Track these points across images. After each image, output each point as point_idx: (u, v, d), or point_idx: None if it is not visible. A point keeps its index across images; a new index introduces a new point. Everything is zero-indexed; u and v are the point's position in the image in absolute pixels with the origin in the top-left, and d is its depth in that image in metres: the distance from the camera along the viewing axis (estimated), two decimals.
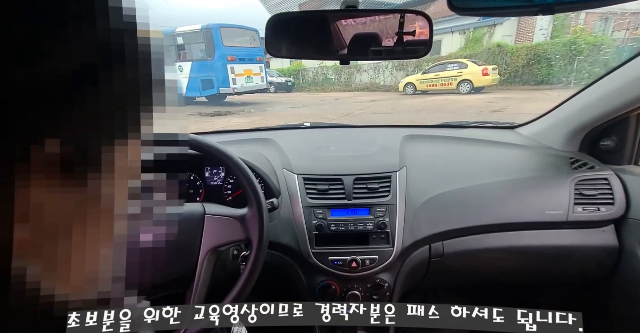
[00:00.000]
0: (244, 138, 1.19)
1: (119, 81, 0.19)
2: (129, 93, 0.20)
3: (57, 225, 0.18)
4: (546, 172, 0.95)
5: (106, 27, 0.18)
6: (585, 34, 9.87)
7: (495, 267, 0.95)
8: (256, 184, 0.66)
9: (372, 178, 0.90)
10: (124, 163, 0.20)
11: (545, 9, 0.49)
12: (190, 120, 6.95)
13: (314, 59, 0.81)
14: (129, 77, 0.20)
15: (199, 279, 0.61)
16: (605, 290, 0.96)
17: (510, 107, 6.89)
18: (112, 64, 0.19)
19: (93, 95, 0.18)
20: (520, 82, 10.49)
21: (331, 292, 0.83)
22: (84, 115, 0.18)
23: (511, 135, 1.19)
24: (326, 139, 1.22)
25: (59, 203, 0.18)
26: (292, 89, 14.65)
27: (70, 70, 0.17)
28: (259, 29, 10.12)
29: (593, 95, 0.95)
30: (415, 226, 0.86)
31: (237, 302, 0.59)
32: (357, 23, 0.72)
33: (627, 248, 0.87)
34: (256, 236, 0.62)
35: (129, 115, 0.20)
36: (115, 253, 0.21)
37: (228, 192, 0.97)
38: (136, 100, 0.21)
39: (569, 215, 0.87)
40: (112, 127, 0.19)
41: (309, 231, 0.84)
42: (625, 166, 0.96)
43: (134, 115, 0.20)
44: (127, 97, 0.20)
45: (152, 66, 0.21)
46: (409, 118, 6.85)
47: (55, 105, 0.17)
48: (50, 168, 0.17)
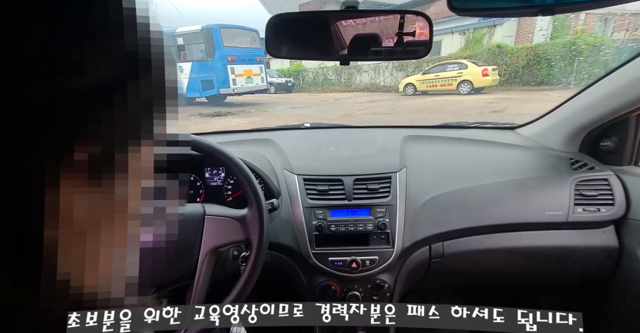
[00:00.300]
0: (244, 138, 1.19)
1: (145, 88, 0.20)
2: (150, 98, 0.21)
3: (84, 224, 0.18)
4: (546, 172, 0.95)
5: (134, 37, 0.19)
6: (585, 34, 9.88)
7: (495, 267, 0.95)
8: (256, 185, 0.66)
9: (372, 178, 0.90)
10: (138, 164, 0.21)
11: (545, 9, 0.49)
12: (190, 121, 6.94)
13: (314, 59, 0.81)
14: (153, 84, 0.21)
15: (198, 279, 0.61)
16: (605, 291, 0.96)
17: (510, 108, 6.90)
18: (139, 72, 0.20)
19: (120, 103, 0.19)
20: (520, 82, 10.49)
21: (331, 292, 0.83)
22: (111, 121, 0.19)
23: (511, 136, 1.19)
24: (326, 139, 1.22)
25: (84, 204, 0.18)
26: (292, 89, 14.65)
27: (101, 80, 0.18)
28: (259, 29, 10.13)
29: (593, 96, 0.95)
30: (415, 226, 0.86)
31: (237, 302, 0.59)
32: (357, 23, 0.72)
33: (627, 248, 0.87)
34: (256, 236, 0.62)
35: (147, 119, 0.21)
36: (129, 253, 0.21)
37: (228, 192, 0.96)
38: (155, 104, 0.21)
39: (569, 216, 0.87)
40: (136, 131, 0.20)
41: (308, 231, 0.84)
42: (625, 166, 0.96)
43: (149, 118, 0.21)
44: (149, 101, 0.21)
45: (166, 71, 0.22)
46: (408, 118, 6.85)
47: (85, 114, 0.18)
48: (78, 174, 0.17)
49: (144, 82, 0.20)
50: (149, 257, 0.24)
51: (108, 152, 0.19)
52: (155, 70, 0.21)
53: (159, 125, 0.22)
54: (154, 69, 0.21)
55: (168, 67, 0.22)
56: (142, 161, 0.21)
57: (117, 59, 0.18)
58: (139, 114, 0.20)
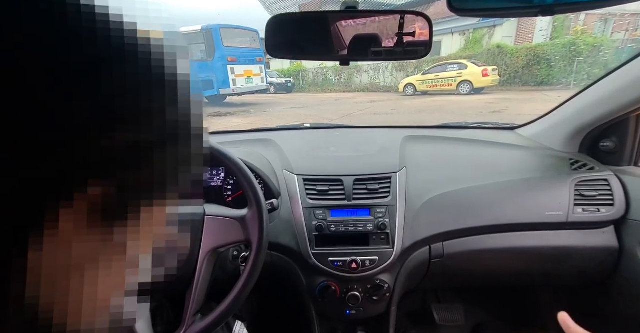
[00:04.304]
0: (244, 138, 1.19)
1: (183, 149, 0.21)
2: (186, 160, 0.22)
3: (79, 265, 0.18)
4: (546, 172, 0.95)
5: (186, 106, 0.20)
6: (585, 35, 9.88)
7: (495, 267, 0.95)
8: (256, 185, 0.65)
9: (372, 178, 0.90)
10: (151, 223, 0.21)
11: (545, 9, 0.49)
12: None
13: (314, 59, 0.81)
14: (191, 151, 0.22)
15: (198, 280, 0.61)
16: (605, 291, 0.96)
17: (509, 108, 6.91)
18: (179, 137, 0.21)
19: (159, 161, 0.19)
20: (520, 82, 10.51)
21: (331, 293, 0.83)
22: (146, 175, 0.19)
23: (511, 136, 1.19)
24: (326, 140, 1.22)
25: (86, 247, 0.18)
26: (292, 90, 14.66)
27: (148, 140, 0.18)
28: (259, 30, 10.13)
29: (593, 96, 0.95)
30: (415, 227, 0.86)
31: (237, 302, 0.59)
32: (357, 24, 0.72)
33: (627, 249, 0.87)
34: (256, 237, 0.62)
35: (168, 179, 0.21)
36: (127, 296, 0.21)
37: (228, 192, 0.96)
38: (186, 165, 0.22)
39: (569, 216, 0.87)
40: (163, 186, 0.21)
41: (308, 232, 0.84)
42: (624, 167, 0.96)
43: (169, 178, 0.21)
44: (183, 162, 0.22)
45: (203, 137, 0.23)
46: (408, 118, 6.85)
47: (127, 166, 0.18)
48: (91, 214, 0.17)
49: (183, 143, 0.21)
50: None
51: (123, 200, 0.19)
52: (193, 136, 0.22)
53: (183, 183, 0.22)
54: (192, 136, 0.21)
55: (205, 134, 0.23)
56: (155, 222, 0.21)
57: (165, 124, 0.19)
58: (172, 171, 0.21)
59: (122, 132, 0.17)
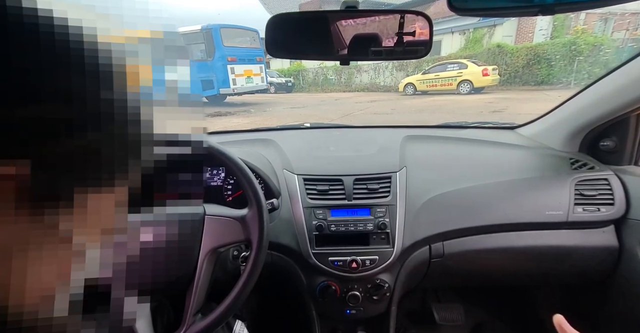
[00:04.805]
0: (244, 138, 1.19)
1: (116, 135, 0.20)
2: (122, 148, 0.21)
3: (10, 248, 0.18)
4: (546, 172, 0.95)
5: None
6: (585, 34, 9.87)
7: (496, 267, 0.95)
8: (256, 184, 0.65)
9: (372, 178, 0.90)
10: (98, 211, 0.21)
11: (545, 9, 0.49)
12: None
13: (314, 59, 0.80)
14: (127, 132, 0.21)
15: (198, 280, 0.61)
16: (605, 290, 0.96)
17: (510, 107, 6.90)
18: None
19: (80, 143, 0.19)
20: (520, 82, 10.49)
21: (331, 292, 0.83)
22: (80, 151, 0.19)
23: (511, 136, 1.19)
24: (326, 139, 1.22)
25: (14, 228, 0.18)
26: (292, 89, 14.65)
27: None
28: (259, 29, 10.12)
29: (593, 96, 0.95)
30: (415, 226, 0.86)
31: (237, 302, 0.59)
32: (357, 23, 0.72)
33: (627, 248, 0.87)
34: (256, 236, 0.62)
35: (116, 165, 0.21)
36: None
37: (228, 192, 0.96)
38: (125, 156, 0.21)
39: (569, 216, 0.87)
40: (97, 171, 0.20)
41: (308, 231, 0.84)
42: (625, 166, 0.96)
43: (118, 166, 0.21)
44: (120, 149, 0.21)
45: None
46: (408, 118, 6.85)
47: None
48: (18, 195, 0.17)
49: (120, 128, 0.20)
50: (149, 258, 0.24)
51: (53, 182, 0.18)
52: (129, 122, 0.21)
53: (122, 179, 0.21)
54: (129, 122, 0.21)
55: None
56: (103, 209, 0.21)
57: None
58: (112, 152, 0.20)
59: (22, 107, 0.16)
